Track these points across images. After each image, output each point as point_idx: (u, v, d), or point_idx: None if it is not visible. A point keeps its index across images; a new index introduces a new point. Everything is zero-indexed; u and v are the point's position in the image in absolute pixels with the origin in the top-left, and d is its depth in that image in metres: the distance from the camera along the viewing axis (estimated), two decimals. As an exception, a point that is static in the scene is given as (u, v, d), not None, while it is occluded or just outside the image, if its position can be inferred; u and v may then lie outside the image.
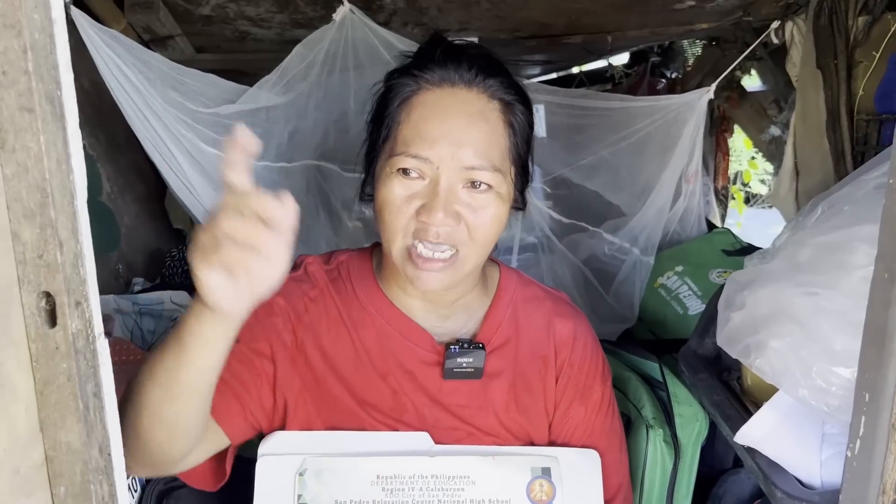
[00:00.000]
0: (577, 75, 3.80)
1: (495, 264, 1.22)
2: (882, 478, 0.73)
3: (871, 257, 0.72)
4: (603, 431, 1.17)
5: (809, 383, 0.94)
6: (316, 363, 1.08)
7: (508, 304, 1.16)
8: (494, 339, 1.12)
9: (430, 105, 1.00)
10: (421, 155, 0.97)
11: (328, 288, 1.12)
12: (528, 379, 1.13)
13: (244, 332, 1.01)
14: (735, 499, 1.46)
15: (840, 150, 1.83)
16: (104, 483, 0.66)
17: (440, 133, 0.97)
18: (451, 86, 1.00)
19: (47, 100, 0.57)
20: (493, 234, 1.02)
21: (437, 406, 1.09)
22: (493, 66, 1.03)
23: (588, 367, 1.16)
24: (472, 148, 0.97)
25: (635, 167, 2.30)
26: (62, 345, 0.61)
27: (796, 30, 2.04)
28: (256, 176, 2.09)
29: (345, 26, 1.82)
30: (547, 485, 1.04)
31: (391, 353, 1.09)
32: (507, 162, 1.02)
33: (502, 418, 1.11)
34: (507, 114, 1.02)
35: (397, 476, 1.01)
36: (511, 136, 1.03)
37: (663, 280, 2.22)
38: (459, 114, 0.98)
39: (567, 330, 1.16)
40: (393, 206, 0.99)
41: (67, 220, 0.60)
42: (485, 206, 0.99)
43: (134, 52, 1.72)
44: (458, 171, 0.97)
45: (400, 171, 0.98)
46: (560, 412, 1.15)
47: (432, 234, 0.97)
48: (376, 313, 1.11)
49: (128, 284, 2.18)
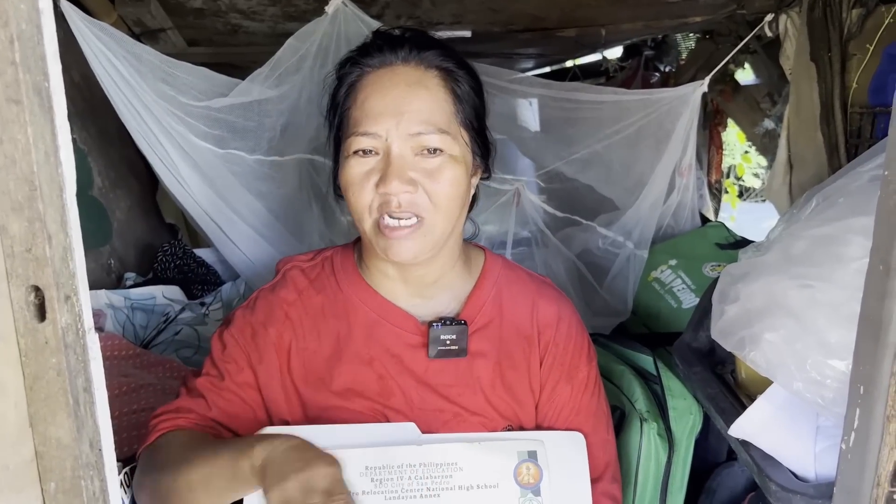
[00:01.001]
0: (571, 69, 3.80)
1: (481, 250, 1.24)
2: (876, 470, 0.74)
3: (865, 249, 0.72)
4: (589, 411, 1.18)
5: (804, 376, 0.94)
6: (299, 367, 1.12)
7: (492, 285, 1.18)
8: (478, 318, 1.14)
9: (372, 85, 1.05)
10: (369, 131, 1.02)
11: (308, 288, 1.16)
12: (512, 357, 1.14)
13: (228, 365, 1.11)
14: (729, 492, 1.47)
15: (834, 143, 1.83)
16: (95, 479, 0.65)
17: (383, 106, 1.02)
18: (390, 66, 1.06)
19: (35, 91, 0.57)
20: (454, 198, 1.05)
21: (423, 387, 1.10)
22: (428, 42, 1.09)
23: (573, 346, 1.18)
24: (414, 114, 1.02)
25: (629, 161, 2.29)
26: (52, 339, 0.60)
27: (790, 22, 2.04)
28: (249, 169, 2.08)
29: (337, 19, 1.81)
30: (534, 468, 1.06)
31: (377, 339, 1.11)
32: (455, 125, 1.06)
33: (489, 396, 1.12)
34: (448, 80, 1.07)
35: (385, 466, 1.02)
36: (455, 102, 1.07)
37: (657, 274, 2.22)
38: (399, 85, 1.04)
39: (551, 311, 1.18)
40: (354, 185, 1.04)
41: (56, 214, 0.59)
42: (439, 169, 1.03)
43: (124, 45, 1.71)
44: (405, 138, 1.02)
45: (355, 153, 1.03)
46: (546, 392, 1.16)
47: (394, 205, 1.01)
48: (360, 302, 1.13)
49: (119, 279, 2.17)
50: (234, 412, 1.10)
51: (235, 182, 1.99)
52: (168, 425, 1.09)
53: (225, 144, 1.91)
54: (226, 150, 1.90)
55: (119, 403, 1.44)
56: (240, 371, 1.11)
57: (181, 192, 1.96)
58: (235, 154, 1.92)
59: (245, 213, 2.06)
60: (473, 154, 1.11)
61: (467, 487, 1.03)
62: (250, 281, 2.13)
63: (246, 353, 1.11)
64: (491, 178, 1.21)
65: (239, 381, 1.10)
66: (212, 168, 1.93)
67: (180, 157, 1.88)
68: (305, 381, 1.11)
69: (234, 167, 1.96)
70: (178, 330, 1.91)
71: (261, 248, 2.11)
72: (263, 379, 1.11)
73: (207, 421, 1.09)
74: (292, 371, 1.11)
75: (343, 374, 1.10)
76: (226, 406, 1.10)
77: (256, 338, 1.12)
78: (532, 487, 1.05)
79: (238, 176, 1.98)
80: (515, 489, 1.04)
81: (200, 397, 1.10)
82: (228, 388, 1.10)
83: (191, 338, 1.91)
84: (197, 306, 2.02)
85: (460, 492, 1.03)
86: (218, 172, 1.94)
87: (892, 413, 0.71)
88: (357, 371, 1.10)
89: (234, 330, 1.13)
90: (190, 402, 1.11)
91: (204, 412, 1.09)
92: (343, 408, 1.09)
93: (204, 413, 1.09)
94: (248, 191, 2.03)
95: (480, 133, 1.13)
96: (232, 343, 1.12)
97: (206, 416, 1.09)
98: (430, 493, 1.02)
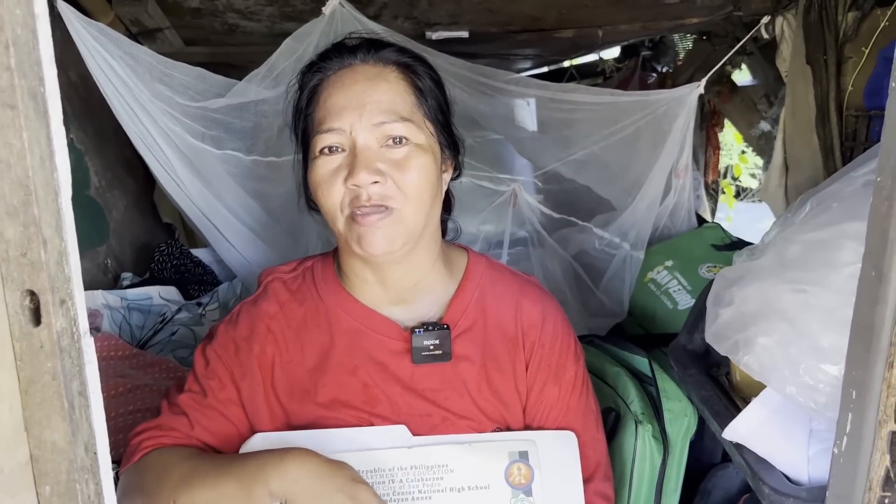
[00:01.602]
0: (568, 69, 3.80)
1: (463, 251, 1.24)
2: (868, 474, 0.74)
3: (858, 255, 0.72)
4: (579, 410, 1.18)
5: (797, 380, 0.95)
6: (283, 381, 1.11)
7: (475, 287, 1.17)
8: (461, 321, 1.14)
9: (333, 84, 1.07)
10: (333, 126, 1.03)
11: (290, 300, 1.16)
12: (498, 359, 1.14)
13: (211, 381, 1.10)
14: (723, 493, 1.47)
15: (829, 146, 1.84)
16: (90, 482, 0.65)
17: (345, 101, 1.04)
18: (349, 66, 1.08)
19: (30, 96, 0.57)
20: (423, 187, 1.05)
21: (410, 393, 1.10)
22: (384, 42, 1.12)
23: (560, 346, 1.18)
24: (376, 105, 1.03)
25: (626, 162, 2.29)
26: (47, 343, 0.60)
27: (786, 25, 2.04)
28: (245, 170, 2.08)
29: (335, 20, 1.81)
30: (525, 468, 1.06)
31: (360, 348, 1.11)
32: (419, 115, 1.07)
33: (476, 399, 1.12)
34: (408, 74, 1.09)
35: (377, 470, 1.02)
36: (417, 94, 1.08)
37: (653, 275, 2.22)
38: (359, 81, 1.06)
39: (535, 311, 1.18)
40: (323, 183, 1.04)
41: (51, 218, 0.59)
42: (406, 158, 1.04)
43: (121, 46, 1.70)
44: (369, 129, 1.03)
45: (321, 152, 1.04)
46: (535, 394, 1.16)
47: (364, 198, 1.01)
48: (343, 312, 1.13)
49: (116, 279, 2.17)
50: (217, 430, 1.09)
51: (232, 182, 1.99)
52: (151, 443, 1.08)
53: (222, 145, 1.91)
54: (222, 151, 1.90)
55: (116, 404, 1.44)
56: (222, 388, 1.10)
57: (178, 193, 1.96)
58: (232, 155, 1.92)
59: (242, 213, 2.06)
60: (441, 146, 1.11)
61: (459, 489, 1.03)
62: (247, 281, 2.13)
63: (229, 369, 1.11)
64: (462, 176, 1.21)
65: (222, 399, 1.10)
66: (208, 168, 1.93)
67: (177, 157, 1.88)
68: (290, 395, 1.10)
69: (231, 168, 1.96)
70: (175, 330, 1.91)
71: (257, 249, 2.11)
72: (247, 394, 1.10)
73: (191, 440, 1.09)
74: (276, 385, 1.11)
75: (327, 385, 1.10)
76: (208, 424, 1.09)
77: (239, 353, 1.11)
78: (524, 488, 1.05)
79: (235, 176, 1.98)
80: (507, 490, 1.04)
81: (183, 415, 1.09)
82: (211, 406, 1.10)
83: (187, 338, 1.91)
84: (193, 306, 2.02)
85: (452, 494, 1.03)
86: (215, 173, 1.94)
87: (884, 418, 0.71)
88: (341, 381, 1.10)
89: (216, 346, 1.13)
90: (172, 420, 1.10)
91: (187, 431, 1.09)
92: (329, 418, 1.09)
93: (187, 432, 1.09)
94: (244, 191, 2.03)
95: (447, 128, 1.14)
96: (215, 359, 1.12)
97: (190, 434, 1.09)
98: (422, 495, 1.03)
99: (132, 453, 1.08)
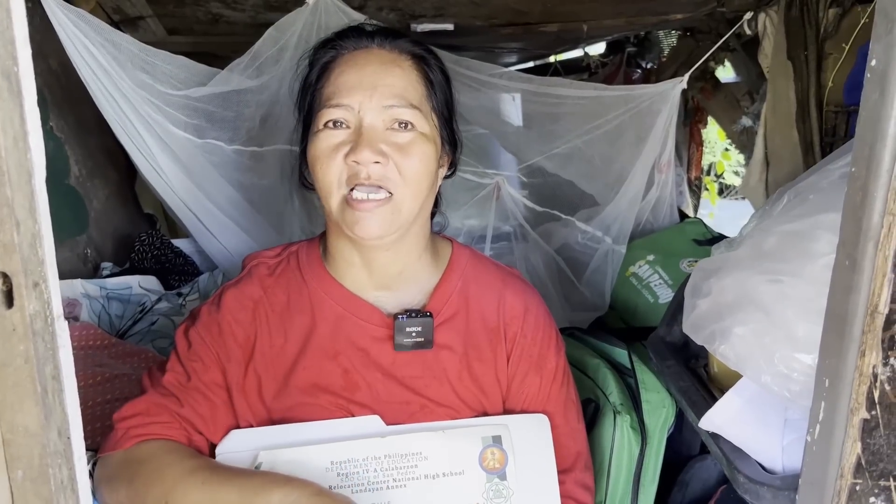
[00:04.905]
0: (553, 65, 3.81)
1: (448, 241, 1.25)
2: (840, 461, 0.75)
3: (833, 245, 0.73)
4: (559, 401, 1.19)
5: (772, 369, 0.96)
6: (264, 365, 1.11)
7: (459, 277, 1.18)
8: (444, 310, 1.15)
9: (346, 62, 1.08)
10: (342, 102, 1.04)
11: (274, 284, 1.15)
12: (479, 348, 1.15)
13: (194, 363, 1.10)
14: (701, 485, 1.48)
15: (809, 141, 1.86)
16: (63, 467, 0.65)
17: (357, 80, 1.05)
18: (365, 48, 1.10)
19: (3, 75, 0.56)
20: (423, 175, 1.06)
21: (390, 380, 1.11)
22: (401, 32, 1.15)
23: (541, 337, 1.19)
24: (388, 88, 1.05)
25: (609, 156, 2.31)
26: (19, 326, 0.60)
27: (768, 21, 2.06)
28: (228, 160, 2.07)
29: (318, 10, 1.80)
30: (499, 452, 1.07)
31: (343, 333, 1.11)
32: (427, 106, 1.09)
33: (456, 387, 1.12)
34: (421, 65, 1.12)
35: (350, 460, 1.03)
36: (427, 86, 1.10)
37: (635, 269, 2.23)
38: (374, 62, 1.07)
39: (518, 303, 1.19)
40: (323, 157, 1.04)
41: (24, 200, 0.59)
42: (410, 144, 1.05)
43: (102, 33, 1.68)
44: (378, 110, 1.04)
45: (326, 126, 1.04)
46: (516, 384, 1.17)
47: (363, 175, 1.01)
48: (326, 296, 1.13)
49: (96, 269, 2.15)
50: (202, 412, 1.09)
51: (214, 172, 1.98)
52: (142, 431, 1.06)
53: (203, 134, 1.89)
54: (204, 140, 1.89)
55: (93, 393, 1.42)
56: (206, 370, 1.10)
57: (159, 182, 1.95)
58: (214, 144, 1.91)
59: (224, 203, 2.05)
60: (443, 141, 1.12)
61: (433, 476, 1.04)
62: (228, 272, 2.12)
63: (214, 351, 1.10)
64: (455, 174, 1.22)
65: (206, 381, 1.09)
66: (190, 158, 1.91)
67: (158, 146, 1.86)
68: (271, 379, 1.10)
69: (213, 157, 1.94)
70: (155, 320, 1.90)
71: (239, 240, 2.10)
72: (230, 377, 1.10)
73: (181, 424, 1.07)
74: (257, 369, 1.10)
75: (307, 370, 1.10)
76: (194, 405, 1.08)
77: (223, 335, 1.11)
78: (498, 472, 1.06)
79: (217, 166, 1.97)
80: (481, 475, 1.05)
81: (170, 395, 1.09)
82: (196, 388, 1.09)
83: (167, 328, 1.90)
84: (174, 296, 2.01)
85: (426, 481, 1.03)
86: (196, 162, 1.93)
87: (856, 406, 0.72)
88: (322, 366, 1.10)
89: (199, 327, 1.12)
90: (160, 401, 1.08)
91: (176, 409, 1.07)
92: (308, 404, 1.09)
93: (176, 409, 1.07)
94: (227, 181, 2.02)
95: (449, 125, 1.15)
96: (198, 341, 1.11)
97: (179, 414, 1.07)
98: (397, 483, 1.03)
99: (120, 439, 1.06)
